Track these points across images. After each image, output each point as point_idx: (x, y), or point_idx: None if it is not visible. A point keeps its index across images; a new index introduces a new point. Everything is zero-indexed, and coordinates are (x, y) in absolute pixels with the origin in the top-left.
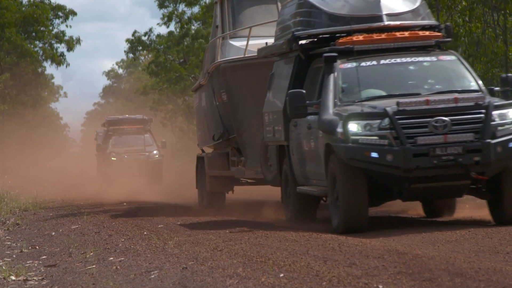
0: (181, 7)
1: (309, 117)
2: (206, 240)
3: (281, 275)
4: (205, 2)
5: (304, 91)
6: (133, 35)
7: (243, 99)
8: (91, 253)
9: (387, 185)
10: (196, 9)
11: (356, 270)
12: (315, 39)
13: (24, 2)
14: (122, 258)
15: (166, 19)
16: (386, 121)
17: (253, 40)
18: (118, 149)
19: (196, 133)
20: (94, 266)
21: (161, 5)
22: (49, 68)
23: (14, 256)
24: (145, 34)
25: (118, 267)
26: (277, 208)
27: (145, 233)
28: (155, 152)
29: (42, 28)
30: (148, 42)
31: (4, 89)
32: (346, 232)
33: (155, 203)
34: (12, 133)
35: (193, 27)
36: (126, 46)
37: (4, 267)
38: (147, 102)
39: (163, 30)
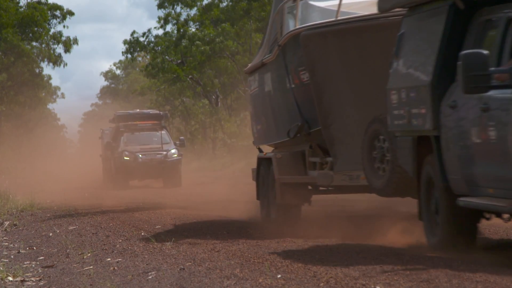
0: (178, 8)
1: (487, 94)
2: (204, 241)
3: (279, 276)
4: (201, 4)
5: (487, 53)
6: (131, 35)
7: (333, 77)
8: (89, 254)
9: None
10: (193, 11)
11: (353, 271)
12: None
13: (21, 3)
14: (120, 259)
15: (162, 21)
16: None
17: None
18: (131, 147)
19: (252, 127)
20: (91, 267)
21: (160, 5)
22: (47, 69)
23: (11, 256)
24: (144, 34)
25: (115, 268)
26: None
27: (142, 234)
28: (173, 151)
29: (40, 30)
30: (146, 43)
31: (2, 89)
32: None
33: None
34: (9, 134)
35: (190, 28)
36: (123, 47)
37: (1, 268)
38: (144, 103)
39: (161, 31)
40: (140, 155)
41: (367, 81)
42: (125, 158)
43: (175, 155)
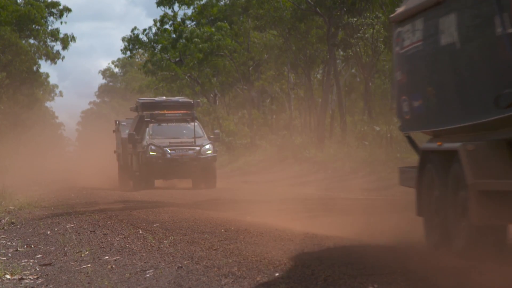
0: (176, 7)
1: None
2: (202, 239)
3: (277, 274)
4: (197, 4)
5: None
6: (132, 31)
7: None
8: (87, 252)
9: None
10: (190, 11)
11: (351, 269)
12: None
13: (19, 1)
14: (118, 257)
15: (158, 24)
16: None
17: None
18: (158, 140)
19: (399, 106)
20: (89, 265)
21: (159, 3)
22: (45, 67)
23: (9, 255)
24: (144, 31)
25: (113, 266)
26: None
27: (140, 232)
28: (207, 146)
29: (37, 27)
30: (146, 41)
31: (0, 88)
32: None
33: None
34: (7, 132)
35: (188, 23)
36: (122, 45)
37: None
38: None
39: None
40: (169, 150)
41: None
42: (151, 153)
43: (210, 152)
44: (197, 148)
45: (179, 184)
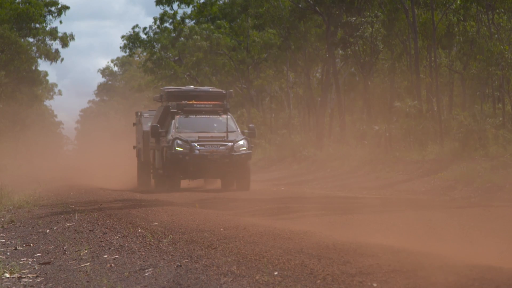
0: (175, 6)
1: None
2: (201, 238)
3: (276, 273)
4: (197, 2)
5: None
6: (133, 28)
7: None
8: (86, 251)
9: None
10: (189, 10)
11: (350, 268)
12: None
13: (17, 0)
14: (117, 256)
15: (158, 22)
16: None
17: None
18: (185, 134)
19: None
20: (88, 263)
21: (158, 1)
22: (44, 66)
23: (8, 253)
24: (144, 29)
25: (112, 264)
26: None
27: (139, 230)
28: (241, 142)
29: (36, 25)
30: (146, 39)
31: None
32: None
33: None
34: (6, 130)
35: (187, 21)
36: (122, 42)
37: None
38: (142, 100)
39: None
40: (197, 146)
41: None
42: (177, 148)
43: (244, 148)
44: (230, 144)
45: (207, 185)
